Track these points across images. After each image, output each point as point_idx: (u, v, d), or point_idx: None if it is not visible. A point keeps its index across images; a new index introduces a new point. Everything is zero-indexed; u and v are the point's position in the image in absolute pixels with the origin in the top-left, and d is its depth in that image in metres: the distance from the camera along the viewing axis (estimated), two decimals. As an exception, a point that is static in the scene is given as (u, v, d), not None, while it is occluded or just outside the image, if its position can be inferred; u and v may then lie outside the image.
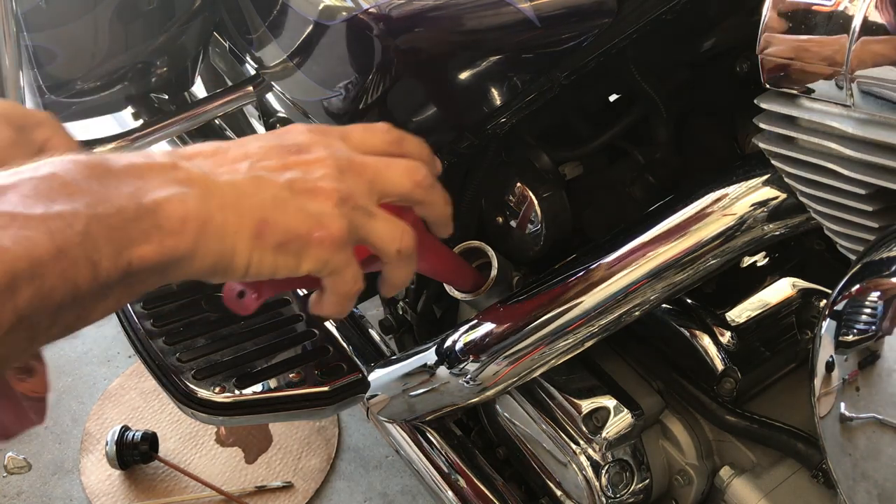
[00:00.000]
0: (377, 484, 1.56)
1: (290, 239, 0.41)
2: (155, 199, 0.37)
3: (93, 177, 0.36)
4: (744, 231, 0.65)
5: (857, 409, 0.47)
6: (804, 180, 0.56)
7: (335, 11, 0.79)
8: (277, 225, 0.40)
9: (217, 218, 0.38)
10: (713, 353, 0.76)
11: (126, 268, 0.35)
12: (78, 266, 0.33)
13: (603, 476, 0.79)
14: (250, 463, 1.60)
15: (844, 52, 0.47)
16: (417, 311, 1.04)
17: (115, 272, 0.35)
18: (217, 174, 0.40)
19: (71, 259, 0.33)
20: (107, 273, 0.34)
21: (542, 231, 0.84)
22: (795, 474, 0.74)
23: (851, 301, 0.47)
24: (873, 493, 0.47)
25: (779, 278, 0.81)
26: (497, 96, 0.78)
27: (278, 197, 0.41)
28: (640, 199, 0.85)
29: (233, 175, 0.41)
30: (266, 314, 1.06)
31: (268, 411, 0.96)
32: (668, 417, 0.81)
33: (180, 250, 0.37)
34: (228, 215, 0.39)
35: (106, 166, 0.37)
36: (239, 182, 0.40)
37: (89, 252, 0.34)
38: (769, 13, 0.51)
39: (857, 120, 0.49)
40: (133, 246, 0.35)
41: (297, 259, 0.42)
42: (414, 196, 0.47)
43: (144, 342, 1.05)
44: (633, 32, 0.71)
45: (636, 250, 0.69)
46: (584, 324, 0.71)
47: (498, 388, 0.78)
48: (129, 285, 0.36)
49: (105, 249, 0.34)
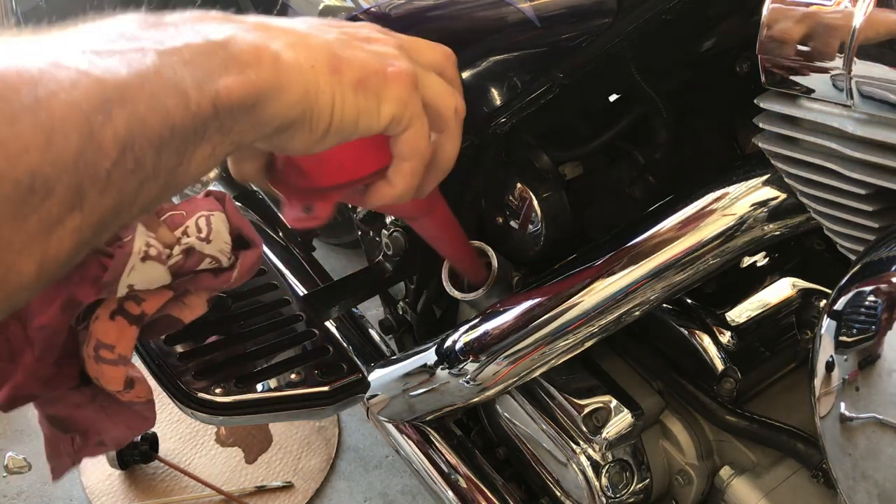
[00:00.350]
0: (377, 484, 1.56)
1: (366, 75, 0.40)
2: (222, 34, 0.36)
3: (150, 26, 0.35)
4: (744, 231, 0.65)
5: (857, 409, 0.47)
6: (804, 180, 0.56)
7: (335, 11, 0.79)
8: (351, 61, 0.39)
9: (288, 53, 0.37)
10: (713, 353, 0.76)
11: (214, 98, 0.34)
12: (166, 91, 0.33)
13: (603, 476, 0.79)
14: (250, 463, 1.60)
15: (844, 53, 0.47)
16: (417, 311, 1.04)
17: (205, 103, 0.34)
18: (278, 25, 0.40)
19: (155, 84, 0.33)
20: (196, 103, 0.34)
21: (542, 231, 0.84)
22: (795, 474, 0.74)
23: (851, 301, 0.47)
24: (873, 493, 0.47)
25: (779, 278, 0.81)
26: (497, 96, 0.78)
27: (340, 38, 0.40)
28: (640, 199, 0.85)
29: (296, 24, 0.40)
30: (266, 314, 1.06)
31: (268, 411, 0.96)
32: (668, 417, 0.81)
33: (264, 81, 0.36)
34: (299, 51, 0.38)
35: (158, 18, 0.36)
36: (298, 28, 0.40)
37: (171, 79, 0.33)
38: (769, 13, 0.51)
39: (857, 120, 0.49)
40: (214, 77, 0.35)
41: (377, 100, 0.40)
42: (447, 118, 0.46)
43: (144, 342, 1.05)
44: (632, 32, 0.71)
45: (636, 250, 0.69)
46: (584, 324, 0.71)
47: (498, 388, 0.78)
48: (223, 127, 0.35)
49: (187, 78, 0.34)
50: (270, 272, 1.13)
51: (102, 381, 0.68)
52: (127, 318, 0.66)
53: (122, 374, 0.69)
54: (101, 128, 0.31)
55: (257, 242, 0.67)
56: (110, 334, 0.66)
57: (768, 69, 0.53)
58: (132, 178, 0.32)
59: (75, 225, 0.31)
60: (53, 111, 0.29)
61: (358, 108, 0.40)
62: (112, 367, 0.67)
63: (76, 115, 0.30)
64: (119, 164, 0.31)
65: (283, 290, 1.10)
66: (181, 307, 0.74)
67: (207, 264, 0.67)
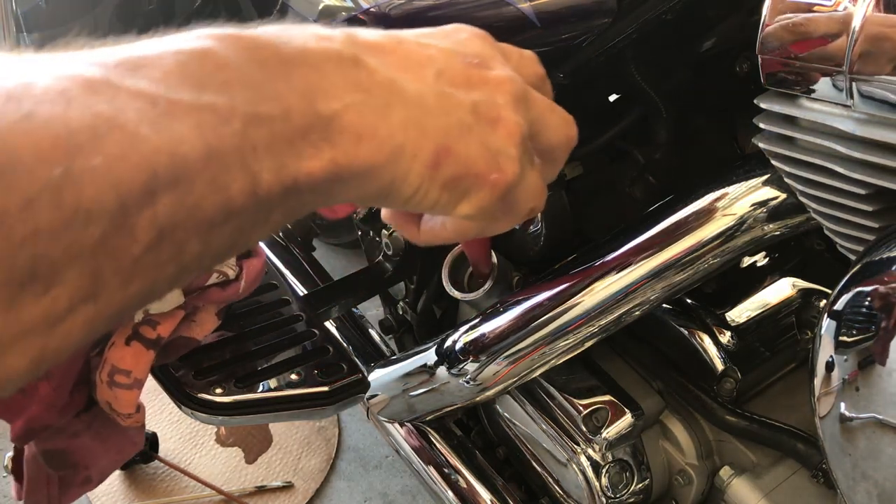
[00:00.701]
0: (377, 484, 1.56)
1: (465, 175, 0.35)
2: (332, 107, 0.30)
3: (255, 61, 0.29)
4: (744, 231, 0.65)
5: (857, 409, 0.47)
6: (804, 180, 0.56)
7: (335, 11, 0.79)
8: (458, 156, 0.35)
9: (398, 137, 0.32)
10: (713, 353, 0.76)
11: (291, 185, 0.29)
12: (232, 174, 0.27)
13: (603, 476, 0.79)
14: (250, 463, 1.60)
15: (844, 52, 0.47)
16: (417, 311, 1.04)
17: (277, 188, 0.29)
18: (403, 81, 0.34)
19: (224, 164, 0.27)
20: (268, 188, 0.28)
21: (542, 231, 0.84)
22: (795, 474, 0.74)
23: (851, 301, 0.47)
24: (873, 493, 0.47)
25: (779, 278, 0.81)
26: (497, 96, 0.78)
27: (464, 123, 0.35)
28: (640, 199, 0.85)
29: (420, 84, 0.34)
30: (266, 314, 1.06)
31: (268, 411, 0.96)
32: (668, 417, 0.81)
33: (352, 171, 0.31)
34: (411, 135, 0.33)
35: (274, 48, 0.30)
36: (426, 96, 0.34)
37: (247, 159, 0.28)
38: (769, 13, 0.51)
39: (857, 120, 0.49)
40: (300, 159, 0.29)
41: (459, 199, 0.36)
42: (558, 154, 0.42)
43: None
44: (632, 32, 0.71)
45: (636, 250, 0.69)
46: (584, 324, 0.71)
47: (498, 388, 0.78)
48: (289, 206, 0.31)
49: (266, 159, 0.28)
50: (270, 272, 1.13)
51: (115, 405, 0.68)
52: (143, 343, 0.66)
53: (136, 397, 0.69)
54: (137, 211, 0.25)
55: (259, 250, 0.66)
56: (126, 360, 0.66)
57: (768, 69, 0.53)
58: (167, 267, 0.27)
59: (87, 317, 0.25)
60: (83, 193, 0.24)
61: (437, 201, 0.36)
62: (127, 392, 0.67)
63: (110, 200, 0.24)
64: (152, 250, 0.26)
65: (283, 290, 1.10)
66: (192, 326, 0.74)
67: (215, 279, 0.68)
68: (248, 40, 0.30)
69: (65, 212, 0.23)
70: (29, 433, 0.67)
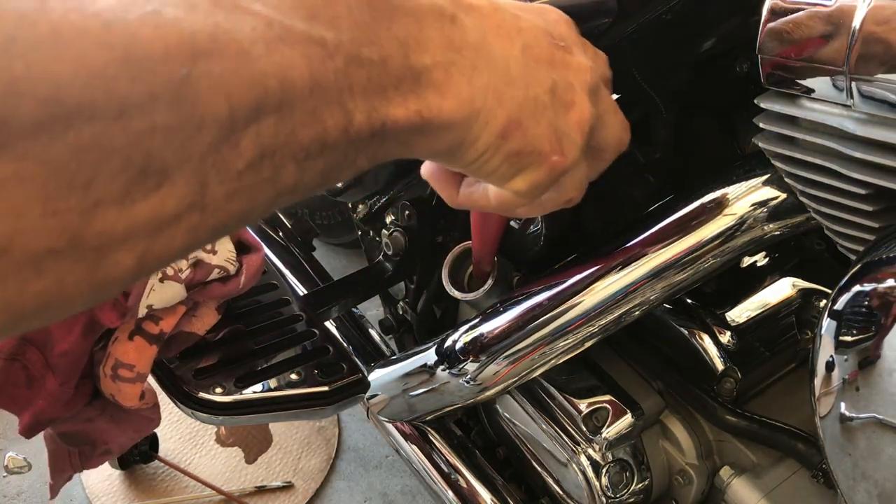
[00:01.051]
0: (377, 484, 1.56)
1: (529, 151, 0.36)
2: (425, 62, 0.32)
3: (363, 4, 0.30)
4: (744, 231, 0.65)
5: (857, 409, 0.47)
6: (804, 180, 0.56)
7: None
8: (527, 132, 0.36)
9: (478, 101, 0.34)
10: (713, 353, 0.76)
11: (380, 127, 0.30)
12: (331, 108, 0.28)
13: (603, 476, 0.79)
14: (250, 463, 1.60)
15: (844, 52, 0.47)
16: (417, 311, 1.04)
17: (367, 128, 0.30)
18: (493, 45, 0.35)
19: (324, 97, 0.28)
20: (358, 127, 0.30)
21: (542, 231, 0.84)
22: (795, 474, 0.74)
23: (851, 301, 0.47)
24: (873, 493, 0.47)
25: (779, 278, 0.81)
26: (497, 96, 0.78)
27: (539, 100, 0.36)
28: (640, 199, 0.85)
29: (508, 53, 0.36)
30: (266, 314, 1.06)
31: (268, 411, 0.96)
32: (668, 417, 0.81)
33: (432, 125, 0.33)
34: (490, 101, 0.34)
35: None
36: (511, 65, 0.35)
37: (343, 97, 0.29)
38: (769, 13, 0.51)
39: (857, 120, 0.49)
40: (389, 105, 0.31)
41: (517, 173, 0.37)
42: (607, 154, 0.43)
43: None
44: (633, 32, 0.71)
45: (636, 250, 0.69)
46: (584, 324, 0.71)
47: (498, 388, 0.78)
48: (372, 151, 0.32)
49: (360, 99, 0.29)
50: (270, 272, 1.13)
51: (118, 398, 0.69)
52: (146, 338, 0.66)
53: (139, 390, 0.69)
54: (243, 126, 0.26)
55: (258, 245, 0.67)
56: (130, 354, 0.66)
57: (768, 69, 0.53)
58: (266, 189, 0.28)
59: (192, 224, 0.26)
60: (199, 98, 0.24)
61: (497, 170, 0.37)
62: (129, 385, 0.68)
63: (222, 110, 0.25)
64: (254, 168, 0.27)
65: (283, 290, 1.10)
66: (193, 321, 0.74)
67: (217, 274, 0.68)
68: None
69: (181, 113, 0.24)
70: (36, 426, 0.68)
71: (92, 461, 0.81)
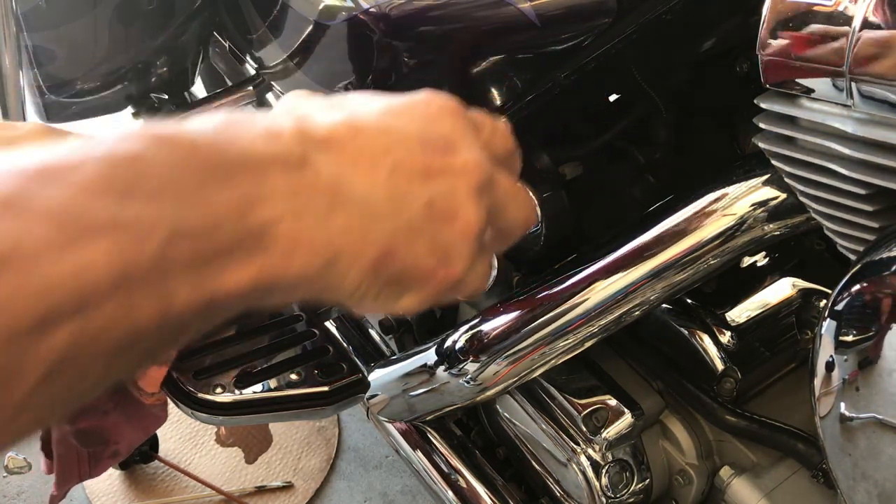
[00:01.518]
0: (377, 484, 1.56)
1: (409, 273, 0.33)
2: (265, 218, 0.28)
3: (191, 168, 0.26)
4: (744, 231, 0.65)
5: (857, 409, 0.47)
6: (804, 180, 0.56)
7: (335, 11, 0.79)
8: (403, 259, 0.32)
9: (337, 243, 0.30)
10: (713, 353, 0.76)
11: (208, 301, 0.27)
12: (145, 297, 0.25)
13: (603, 476, 0.79)
14: (250, 463, 1.60)
15: (844, 52, 0.47)
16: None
17: (193, 306, 0.26)
18: (351, 180, 0.31)
19: (138, 285, 0.24)
20: (181, 307, 0.26)
21: (542, 231, 0.84)
22: (795, 474, 0.74)
23: (851, 301, 0.47)
24: (873, 493, 0.47)
25: (779, 278, 0.81)
26: (497, 96, 0.78)
27: (413, 224, 0.32)
28: (640, 199, 0.85)
29: (370, 184, 0.32)
30: (266, 314, 1.06)
31: (268, 411, 0.96)
32: (668, 417, 0.81)
33: (282, 279, 0.29)
34: (353, 239, 0.31)
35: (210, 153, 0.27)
36: (374, 198, 0.32)
37: (163, 278, 0.25)
38: (769, 13, 0.51)
39: (857, 120, 0.49)
40: (222, 274, 0.27)
41: (401, 295, 0.34)
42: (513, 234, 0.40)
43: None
44: (633, 32, 0.71)
45: (636, 250, 0.69)
46: (584, 324, 0.71)
47: (498, 388, 0.78)
48: (207, 319, 0.28)
49: (183, 276, 0.26)
50: (270, 272, 1.13)
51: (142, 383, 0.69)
52: None
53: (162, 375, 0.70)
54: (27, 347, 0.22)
55: None
56: None
57: (768, 69, 0.52)
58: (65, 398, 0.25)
59: None
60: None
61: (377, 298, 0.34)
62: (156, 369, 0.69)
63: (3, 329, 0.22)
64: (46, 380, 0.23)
65: (283, 290, 1.10)
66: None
67: None
68: (187, 143, 0.27)
69: None
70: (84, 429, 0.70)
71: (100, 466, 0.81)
